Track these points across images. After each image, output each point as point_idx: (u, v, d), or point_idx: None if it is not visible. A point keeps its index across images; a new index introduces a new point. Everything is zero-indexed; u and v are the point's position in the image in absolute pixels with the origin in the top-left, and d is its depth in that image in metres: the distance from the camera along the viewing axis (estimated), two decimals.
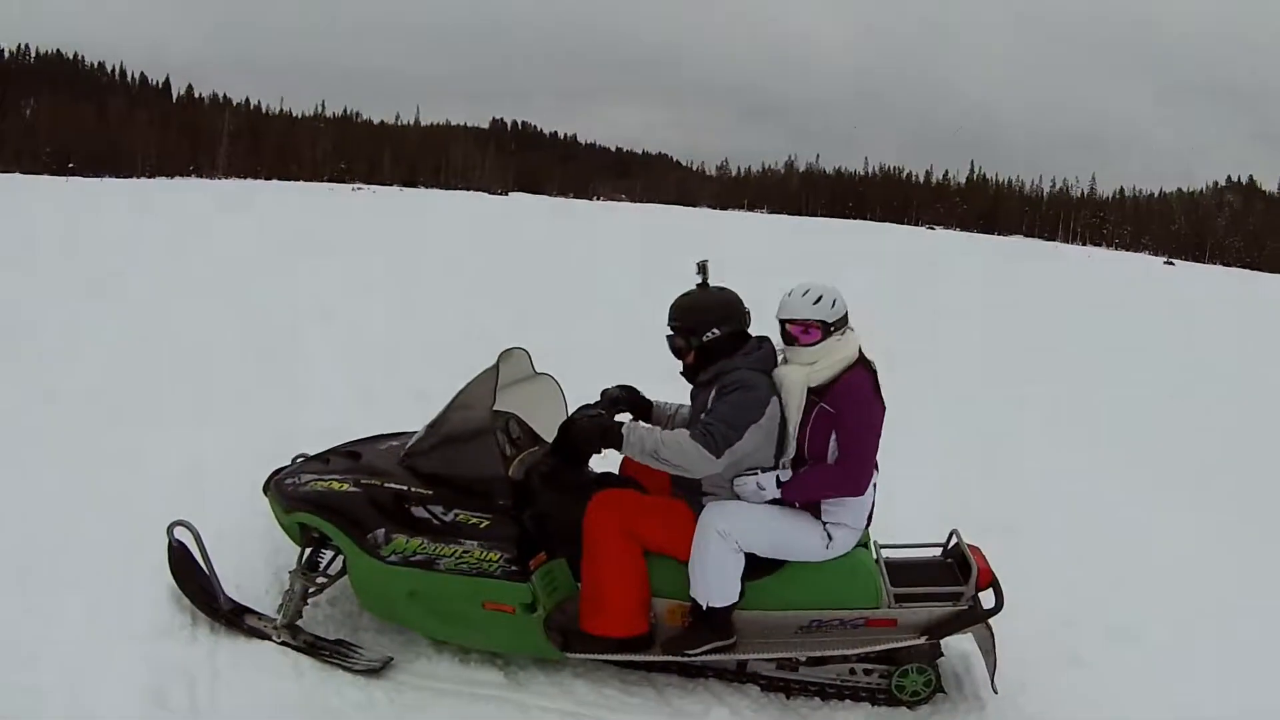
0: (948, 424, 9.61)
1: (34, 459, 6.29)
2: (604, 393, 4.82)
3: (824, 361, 4.38)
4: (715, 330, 4.45)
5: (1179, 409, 11.72)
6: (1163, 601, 5.84)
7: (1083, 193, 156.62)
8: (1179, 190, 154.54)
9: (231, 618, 4.63)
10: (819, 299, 4.41)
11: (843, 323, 4.45)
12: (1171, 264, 65.72)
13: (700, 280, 4.58)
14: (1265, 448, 10.04)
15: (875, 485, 4.50)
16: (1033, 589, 5.36)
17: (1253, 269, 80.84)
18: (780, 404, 4.36)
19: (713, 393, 4.36)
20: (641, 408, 4.88)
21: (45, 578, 4.78)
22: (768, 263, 19.14)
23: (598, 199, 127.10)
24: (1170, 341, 18.12)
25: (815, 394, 4.38)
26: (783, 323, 4.46)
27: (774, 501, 4.33)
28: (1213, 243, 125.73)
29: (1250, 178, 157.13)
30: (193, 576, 4.76)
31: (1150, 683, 4.86)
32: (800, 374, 4.38)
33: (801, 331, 4.39)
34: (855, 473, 4.28)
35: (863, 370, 4.43)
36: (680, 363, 4.61)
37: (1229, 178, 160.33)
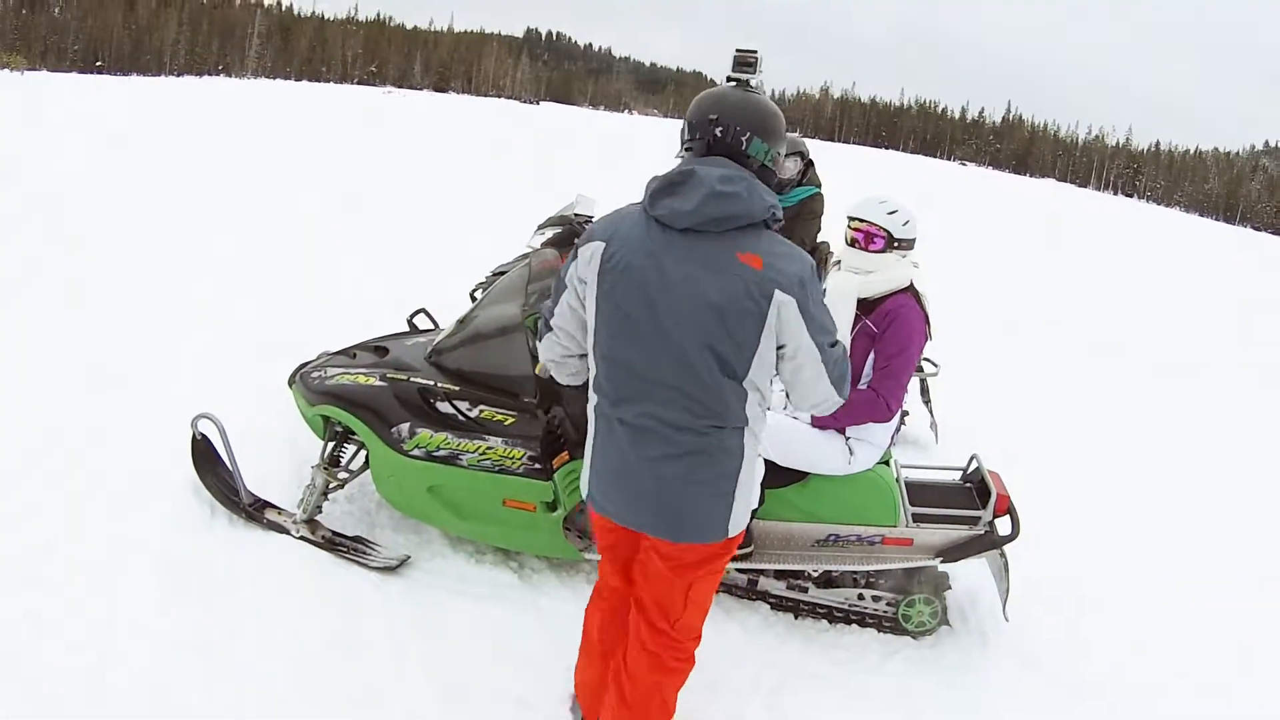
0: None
1: (61, 355, 6.36)
2: None
3: (880, 275, 4.34)
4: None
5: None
6: (1178, 563, 5.85)
7: (1118, 142, 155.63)
8: (1215, 149, 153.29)
9: (252, 511, 4.64)
10: (894, 211, 4.40)
11: (908, 245, 4.41)
12: None
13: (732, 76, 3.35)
14: None
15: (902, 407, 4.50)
16: (1051, 533, 5.42)
17: None
18: (587, 270, 2.91)
19: None
20: None
21: (66, 469, 4.82)
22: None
23: (630, 113, 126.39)
24: None
25: (862, 309, 4.36)
26: (851, 224, 4.44)
27: None
28: (1244, 205, 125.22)
29: None
30: (214, 469, 4.79)
31: (1155, 643, 4.85)
32: (854, 282, 4.34)
33: (865, 237, 4.38)
34: (887, 398, 4.23)
35: (913, 299, 4.39)
36: None
37: (1266, 142, 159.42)
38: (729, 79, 3.26)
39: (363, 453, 4.71)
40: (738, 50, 3.30)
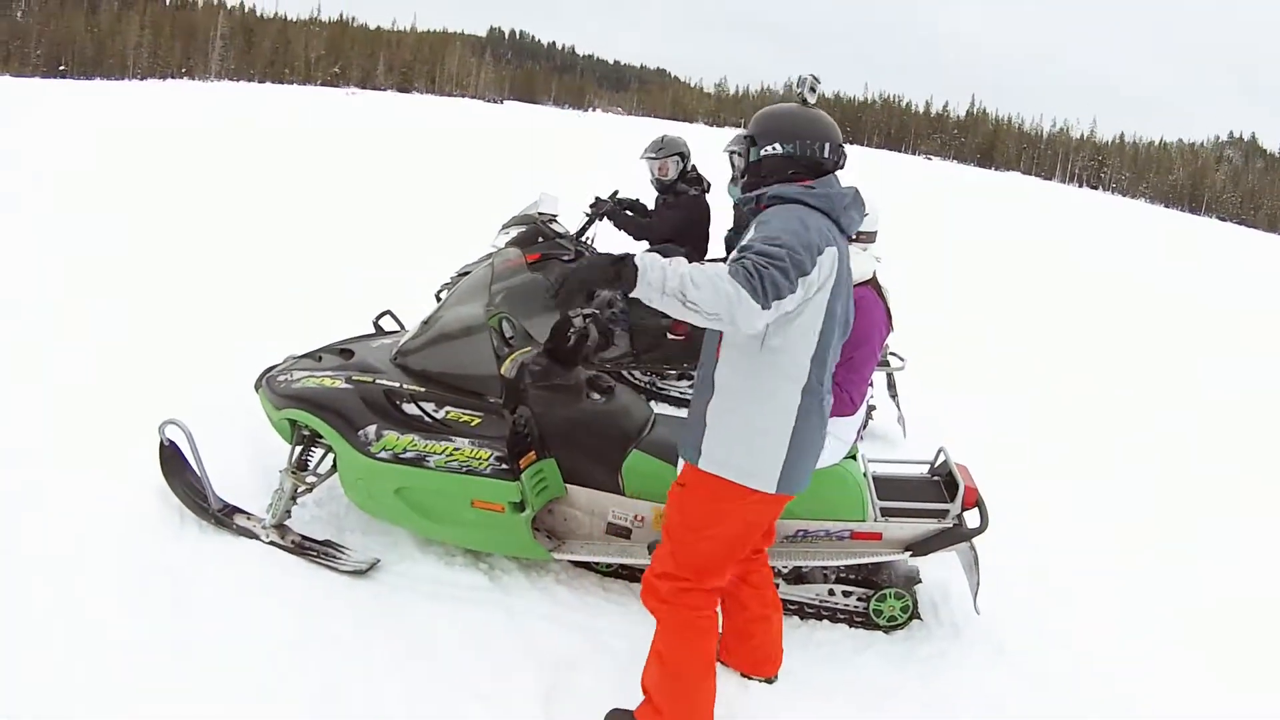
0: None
1: (26, 360, 6.31)
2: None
3: None
4: (777, 146, 3.43)
5: None
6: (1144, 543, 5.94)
7: (1082, 134, 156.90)
8: (1179, 140, 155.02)
9: (221, 517, 4.61)
10: None
11: (868, 238, 4.46)
12: None
13: (799, 98, 3.59)
14: None
15: (867, 401, 4.50)
16: (1019, 525, 5.45)
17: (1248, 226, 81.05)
18: (828, 273, 3.21)
19: (750, 229, 3.35)
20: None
21: (33, 474, 4.75)
22: None
23: (594, 110, 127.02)
24: None
25: None
26: None
27: None
28: (1209, 196, 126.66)
29: (1253, 135, 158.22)
30: (182, 475, 4.76)
31: (1125, 633, 4.87)
32: None
33: None
34: (850, 391, 4.25)
35: (873, 291, 4.43)
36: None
37: (1230, 133, 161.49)
38: (803, 101, 3.53)
39: (330, 456, 4.68)
40: (811, 75, 3.59)
